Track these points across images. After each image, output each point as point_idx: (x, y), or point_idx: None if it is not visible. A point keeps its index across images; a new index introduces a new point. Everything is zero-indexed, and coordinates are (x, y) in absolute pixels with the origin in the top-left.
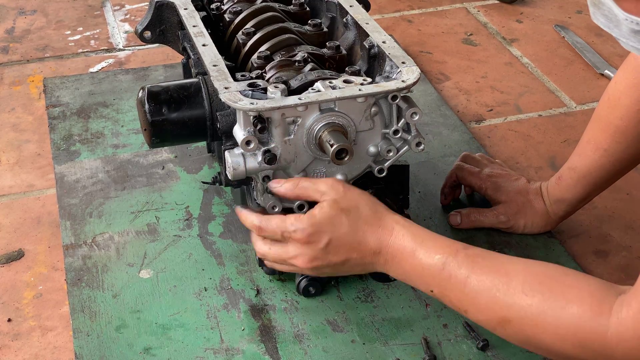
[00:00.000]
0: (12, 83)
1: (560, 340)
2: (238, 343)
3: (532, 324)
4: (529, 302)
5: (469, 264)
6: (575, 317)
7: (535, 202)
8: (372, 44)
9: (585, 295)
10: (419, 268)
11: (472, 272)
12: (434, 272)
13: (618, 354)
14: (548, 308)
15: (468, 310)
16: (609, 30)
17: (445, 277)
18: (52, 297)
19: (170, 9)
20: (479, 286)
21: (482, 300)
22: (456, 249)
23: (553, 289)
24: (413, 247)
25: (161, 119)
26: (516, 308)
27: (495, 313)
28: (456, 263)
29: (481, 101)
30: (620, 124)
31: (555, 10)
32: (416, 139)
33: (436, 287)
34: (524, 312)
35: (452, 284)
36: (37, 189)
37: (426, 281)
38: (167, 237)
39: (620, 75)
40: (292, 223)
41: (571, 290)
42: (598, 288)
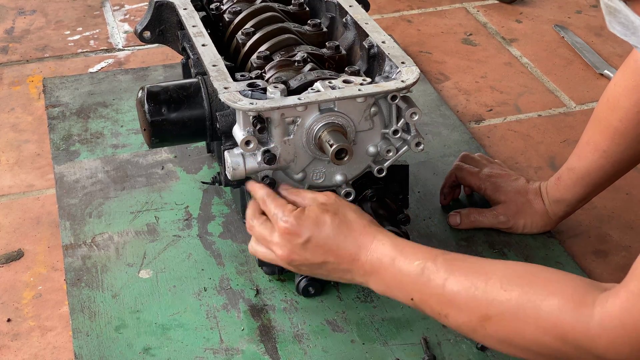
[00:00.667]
0: (12, 83)
1: (540, 334)
2: (237, 343)
3: (512, 318)
4: (508, 297)
5: (447, 267)
6: (555, 308)
7: (535, 202)
8: (371, 44)
9: (567, 288)
10: (398, 275)
11: (450, 274)
12: (413, 278)
13: (601, 346)
14: (527, 301)
15: (448, 314)
16: (626, 38)
17: (424, 281)
18: (51, 297)
19: (169, 9)
20: (458, 286)
21: (462, 300)
22: (435, 255)
23: (533, 283)
24: (392, 255)
25: (161, 119)
26: (495, 304)
27: (475, 312)
28: (435, 267)
29: (481, 101)
30: (620, 125)
31: (555, 10)
32: (416, 139)
33: (416, 294)
34: (504, 307)
35: (431, 288)
36: (36, 189)
37: (406, 289)
38: (167, 237)
39: (619, 77)
40: (282, 212)
41: (552, 284)
42: (581, 283)
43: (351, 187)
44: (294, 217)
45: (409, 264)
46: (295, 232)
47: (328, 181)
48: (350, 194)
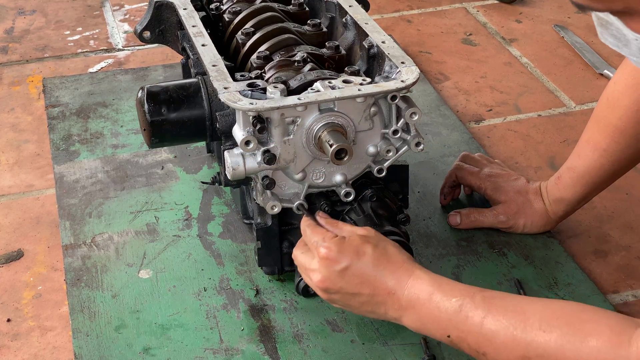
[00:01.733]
0: (12, 83)
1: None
2: (237, 343)
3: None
4: (547, 338)
5: (485, 305)
6: (594, 350)
7: (535, 202)
8: (371, 44)
9: (604, 328)
10: (435, 312)
11: (488, 313)
12: (450, 315)
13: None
14: (567, 343)
15: (487, 353)
16: (618, 49)
17: (462, 319)
18: (51, 297)
19: (169, 9)
20: (496, 325)
21: (500, 340)
22: (473, 292)
23: (571, 324)
24: (430, 291)
25: (160, 119)
26: (534, 345)
27: (513, 352)
28: (473, 304)
29: (480, 101)
30: (619, 124)
31: (555, 10)
32: (415, 139)
33: (453, 331)
34: (543, 349)
35: (468, 326)
36: (36, 189)
37: (443, 325)
38: (167, 237)
39: (619, 76)
40: (322, 237)
41: (589, 324)
42: (616, 321)
43: (351, 187)
44: (335, 244)
45: (447, 300)
46: (334, 259)
47: (328, 181)
48: (350, 193)
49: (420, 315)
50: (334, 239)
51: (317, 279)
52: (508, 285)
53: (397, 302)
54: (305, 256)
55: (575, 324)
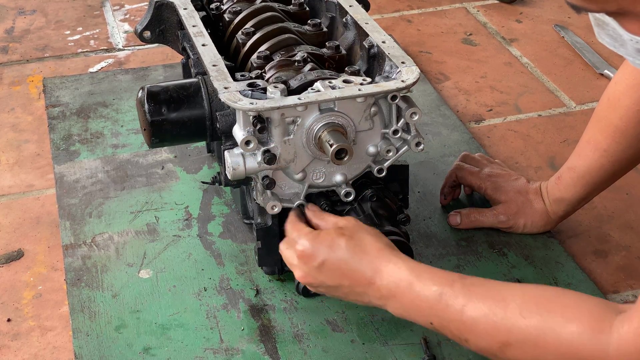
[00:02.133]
0: (12, 83)
1: None
2: (237, 343)
3: (533, 345)
4: (527, 324)
5: (465, 293)
6: (575, 335)
7: (535, 202)
8: (371, 44)
9: (585, 313)
10: (416, 300)
11: (468, 301)
12: (431, 304)
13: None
14: (547, 328)
15: (469, 339)
16: (614, 49)
17: (442, 307)
18: (51, 297)
19: (169, 8)
20: (477, 313)
21: (481, 327)
22: (452, 280)
23: (551, 310)
24: (409, 280)
25: (161, 119)
26: (515, 331)
27: (495, 338)
28: (452, 293)
29: (481, 101)
30: (620, 124)
31: (555, 10)
32: (416, 139)
33: (435, 319)
34: (524, 335)
35: (449, 314)
36: (36, 189)
37: (425, 313)
38: (167, 237)
39: (620, 76)
40: (299, 235)
41: (569, 310)
42: (597, 306)
43: (351, 187)
44: (309, 240)
45: (427, 289)
46: (310, 255)
47: (328, 181)
48: (350, 193)
49: (402, 303)
50: (309, 234)
51: (299, 275)
52: None
53: (378, 292)
54: (289, 252)
55: (555, 309)
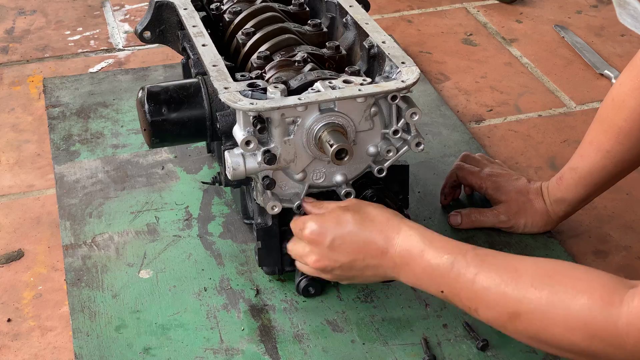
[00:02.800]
0: (12, 83)
1: (570, 332)
2: (238, 343)
3: (542, 316)
4: (538, 295)
5: (477, 262)
6: (585, 307)
7: (536, 202)
8: (371, 44)
9: (596, 286)
10: (428, 268)
11: (480, 270)
12: (443, 272)
13: (629, 344)
14: (557, 300)
15: (478, 309)
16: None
17: (454, 275)
18: (51, 297)
19: (169, 9)
20: (488, 282)
21: (491, 296)
22: (465, 249)
23: (562, 282)
24: (422, 248)
25: (161, 119)
26: (525, 302)
27: (504, 308)
28: (465, 262)
29: (481, 101)
30: (625, 125)
31: (555, 10)
32: (416, 139)
33: (446, 287)
34: (533, 305)
35: (461, 283)
36: (36, 189)
37: (436, 282)
38: (167, 237)
39: (625, 77)
40: (303, 222)
41: (581, 283)
42: (609, 280)
43: (351, 187)
44: (315, 222)
45: (439, 257)
46: (319, 235)
47: (328, 181)
48: (350, 194)
49: (415, 272)
50: (313, 217)
51: (313, 261)
52: None
53: (391, 261)
54: (297, 246)
55: (566, 282)
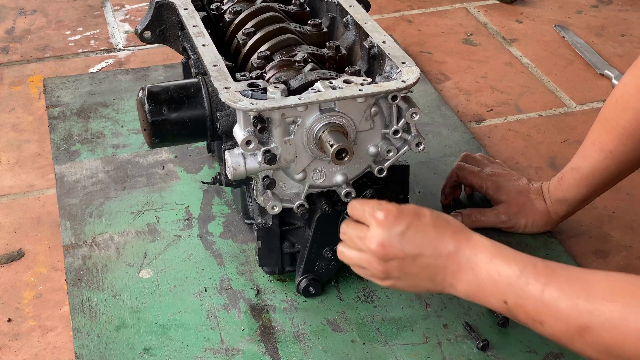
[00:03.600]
0: (12, 83)
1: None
2: (238, 343)
3: (614, 330)
4: (611, 308)
5: (547, 273)
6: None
7: (536, 202)
8: (372, 44)
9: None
10: (495, 275)
11: (550, 280)
12: (510, 279)
13: None
14: (630, 313)
15: (544, 321)
16: None
17: (522, 284)
18: (52, 297)
19: (170, 9)
20: (559, 293)
21: (561, 307)
22: (535, 260)
23: (635, 295)
24: (491, 254)
25: (161, 119)
26: (597, 314)
27: (574, 321)
28: (535, 271)
29: (481, 101)
30: (628, 126)
31: (555, 10)
32: (416, 139)
33: (511, 296)
34: (605, 318)
35: (528, 292)
36: (37, 189)
37: (501, 290)
38: (167, 237)
39: (629, 78)
40: (378, 204)
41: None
42: None
43: (352, 187)
44: (393, 207)
45: (507, 265)
46: (394, 219)
47: (328, 181)
48: (350, 194)
49: (479, 278)
50: (390, 203)
51: (375, 245)
52: None
53: (457, 264)
54: (357, 228)
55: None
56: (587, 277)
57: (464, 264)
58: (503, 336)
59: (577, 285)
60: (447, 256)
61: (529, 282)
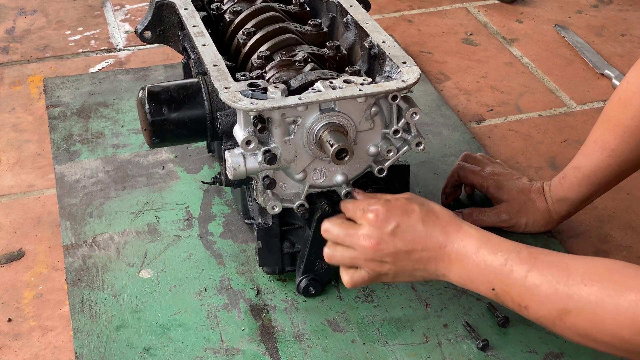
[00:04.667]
0: (13, 83)
1: (619, 328)
2: (238, 343)
3: (591, 312)
4: (588, 292)
5: (530, 260)
6: (633, 303)
7: (537, 201)
8: (372, 44)
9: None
10: (481, 264)
11: (533, 267)
12: (496, 268)
13: None
14: (606, 296)
15: (528, 306)
16: None
17: (506, 272)
18: (52, 297)
19: (170, 9)
20: (540, 279)
21: (542, 293)
22: (519, 248)
23: (612, 279)
24: (478, 245)
25: (161, 119)
26: (575, 298)
27: (555, 305)
28: (518, 259)
29: (481, 101)
30: (631, 123)
31: (556, 10)
32: (416, 138)
33: (497, 284)
34: (583, 302)
35: (512, 279)
36: (37, 189)
37: (488, 279)
38: (167, 237)
39: (632, 76)
40: (367, 204)
41: (630, 280)
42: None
43: (352, 187)
44: (382, 206)
45: (493, 254)
46: (384, 219)
47: (329, 181)
48: (350, 193)
49: (467, 269)
50: (380, 202)
51: (368, 244)
52: None
53: (447, 256)
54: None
55: (616, 279)
56: (567, 262)
57: (454, 256)
58: (503, 336)
59: (557, 270)
60: (438, 249)
61: (512, 269)
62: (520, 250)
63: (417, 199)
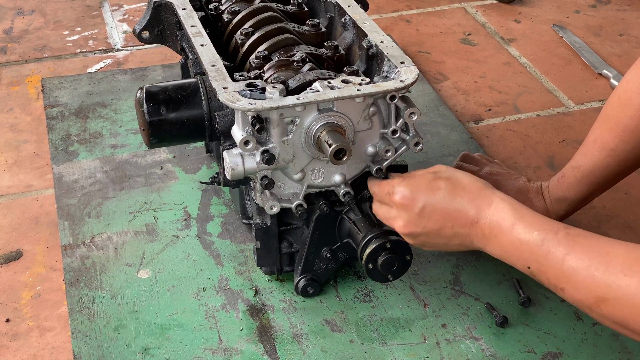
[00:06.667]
0: (10, 83)
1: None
2: (236, 343)
3: (630, 304)
4: (628, 282)
5: (568, 242)
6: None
7: (536, 201)
8: (370, 44)
9: None
10: (517, 243)
11: (571, 250)
12: (532, 248)
13: None
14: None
15: (565, 289)
16: None
17: (543, 253)
18: (50, 297)
19: (168, 9)
20: (578, 264)
21: (579, 279)
22: (557, 227)
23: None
24: (512, 221)
25: (159, 119)
26: (614, 287)
27: (592, 292)
28: (556, 240)
29: (479, 101)
30: (630, 123)
31: (554, 10)
32: (414, 139)
33: (533, 264)
34: (622, 292)
35: (549, 261)
36: (35, 189)
37: (524, 257)
38: (166, 237)
39: (632, 75)
40: (393, 185)
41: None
42: None
43: (350, 187)
44: (406, 186)
45: (529, 232)
46: (410, 200)
47: (327, 181)
48: (348, 194)
49: (503, 245)
50: (403, 181)
51: (400, 225)
52: (507, 285)
53: (481, 231)
54: (384, 209)
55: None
56: (607, 248)
57: (487, 232)
58: (501, 336)
59: (597, 256)
60: (470, 225)
61: (549, 250)
62: (558, 230)
63: (444, 172)
